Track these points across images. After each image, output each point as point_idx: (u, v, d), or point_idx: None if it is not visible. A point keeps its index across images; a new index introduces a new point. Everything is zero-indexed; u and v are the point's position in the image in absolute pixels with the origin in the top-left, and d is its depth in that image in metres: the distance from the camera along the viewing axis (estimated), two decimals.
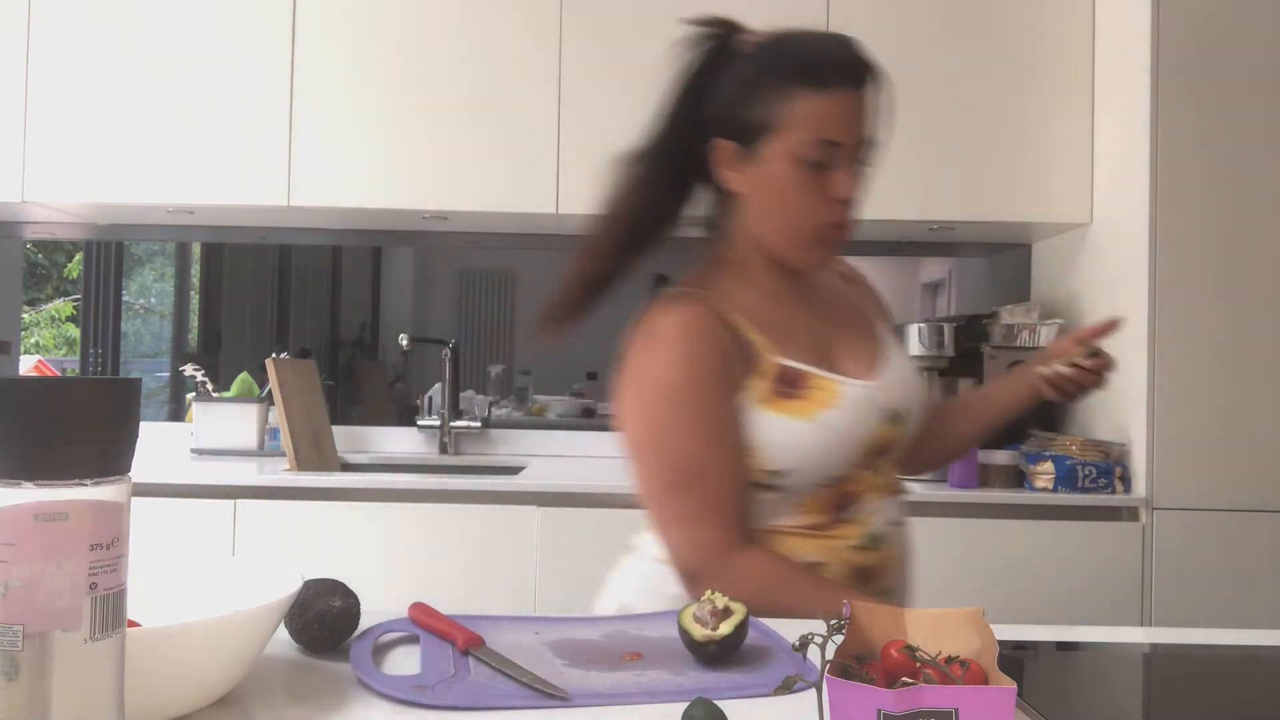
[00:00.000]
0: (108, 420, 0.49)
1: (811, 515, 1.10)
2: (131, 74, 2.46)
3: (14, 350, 3.00)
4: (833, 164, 1.07)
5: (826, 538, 1.10)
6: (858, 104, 1.09)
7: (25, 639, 0.47)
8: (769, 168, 1.09)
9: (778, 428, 1.06)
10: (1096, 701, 0.79)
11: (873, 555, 1.11)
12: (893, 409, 1.12)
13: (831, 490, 1.09)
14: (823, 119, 1.07)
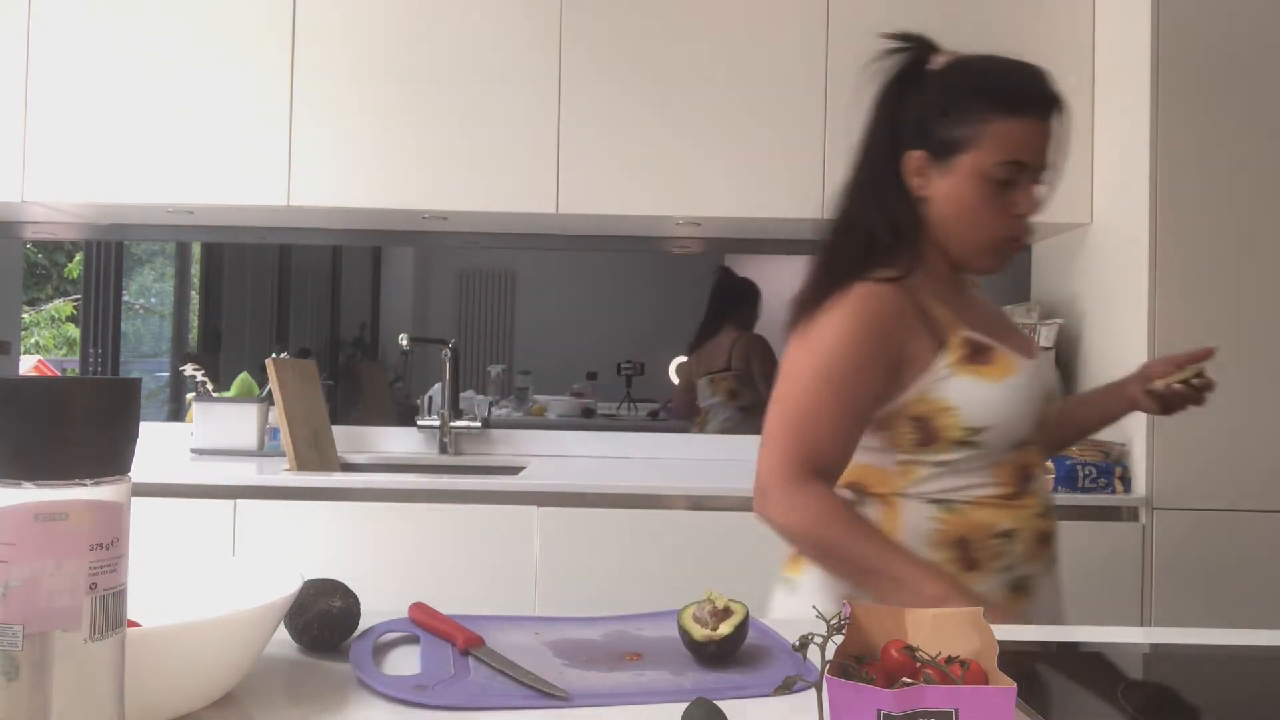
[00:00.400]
0: (108, 420, 0.49)
1: (1004, 485, 1.21)
2: (131, 74, 2.46)
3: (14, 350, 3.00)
4: (1017, 183, 1.20)
5: (1017, 507, 1.22)
6: (1046, 131, 1.22)
7: (25, 639, 0.47)
8: (960, 181, 1.21)
9: (974, 388, 1.18)
10: (1096, 701, 0.79)
11: (1049, 522, 1.26)
12: (1048, 388, 1.26)
13: (1015, 461, 1.21)
14: (1015, 142, 1.19)
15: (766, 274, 3.16)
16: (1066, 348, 2.49)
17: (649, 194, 2.47)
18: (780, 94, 2.45)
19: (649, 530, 2.15)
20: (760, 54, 2.46)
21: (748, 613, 0.82)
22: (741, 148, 2.45)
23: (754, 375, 2.95)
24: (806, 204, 2.46)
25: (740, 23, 2.47)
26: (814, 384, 1.17)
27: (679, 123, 2.46)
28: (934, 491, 1.20)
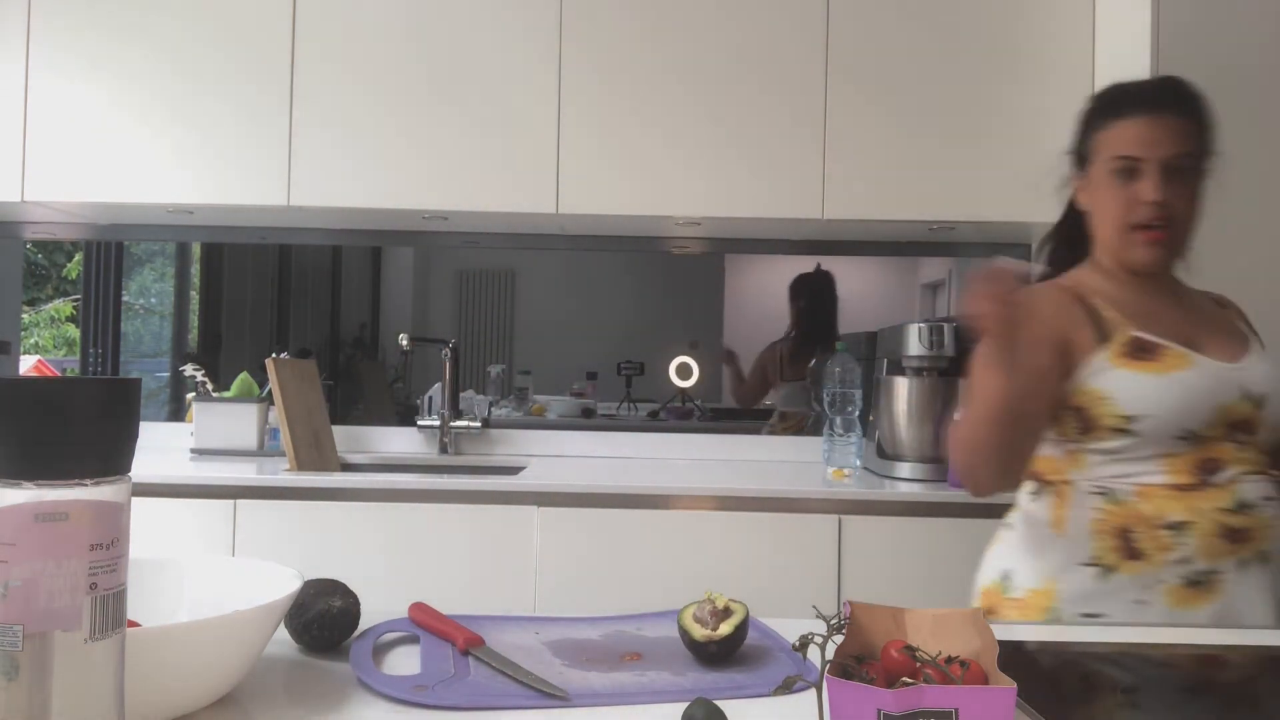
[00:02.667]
0: (108, 420, 0.49)
1: (1177, 475, 1.26)
2: (131, 74, 2.46)
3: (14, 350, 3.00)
4: (1135, 175, 1.31)
5: (1193, 498, 1.24)
6: (1155, 124, 1.31)
7: (25, 639, 0.47)
8: (1094, 184, 1.37)
9: (1129, 380, 1.28)
10: (1096, 701, 0.79)
11: (1243, 519, 1.24)
12: (1252, 390, 1.28)
13: (1193, 454, 1.25)
14: (1120, 140, 1.32)
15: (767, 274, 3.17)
16: None
17: (649, 194, 2.47)
18: (780, 94, 2.45)
19: (649, 530, 2.15)
20: (760, 54, 2.46)
21: (748, 613, 0.82)
22: (741, 148, 2.45)
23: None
24: (806, 204, 2.46)
25: (740, 23, 2.47)
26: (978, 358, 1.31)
27: (679, 123, 2.46)
28: (1099, 478, 1.29)
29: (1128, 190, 1.32)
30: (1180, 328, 1.34)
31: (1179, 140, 1.31)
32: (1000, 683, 0.59)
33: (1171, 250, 1.35)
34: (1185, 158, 1.31)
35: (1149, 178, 1.30)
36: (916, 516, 2.18)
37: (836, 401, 2.54)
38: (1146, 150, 1.30)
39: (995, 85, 2.45)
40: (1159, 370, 1.28)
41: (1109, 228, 1.36)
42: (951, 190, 2.46)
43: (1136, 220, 1.32)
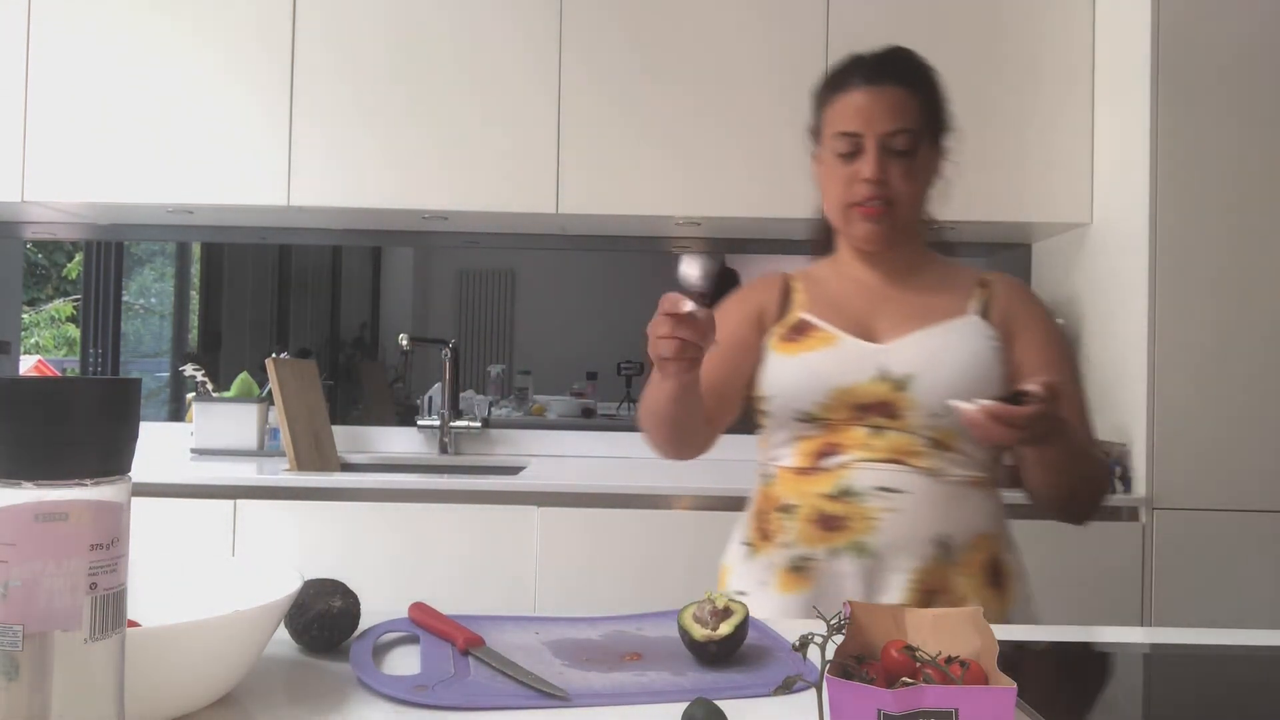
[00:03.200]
0: (108, 420, 0.49)
1: (801, 458, 1.26)
2: (131, 74, 2.46)
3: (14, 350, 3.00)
4: (856, 153, 1.26)
5: (803, 481, 1.24)
6: (874, 98, 1.25)
7: (25, 639, 0.47)
8: (822, 162, 1.32)
9: (772, 361, 1.28)
10: (1096, 701, 0.79)
11: (841, 507, 1.21)
12: (892, 371, 1.22)
13: (820, 437, 1.24)
14: (841, 115, 1.27)
15: None
16: None
17: (649, 194, 2.47)
18: (780, 94, 2.45)
19: (649, 530, 2.15)
20: (760, 54, 2.46)
21: (748, 613, 0.82)
22: (741, 148, 2.45)
23: None
24: (806, 204, 2.45)
25: (740, 23, 2.47)
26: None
27: (679, 123, 2.46)
28: (763, 460, 1.32)
29: (849, 168, 1.27)
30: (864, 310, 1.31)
31: (898, 115, 1.25)
32: (1000, 683, 0.59)
33: (893, 228, 1.28)
34: (905, 134, 1.25)
35: (867, 154, 1.25)
36: None
37: None
38: (864, 125, 1.25)
39: (994, 85, 2.45)
40: (793, 351, 1.27)
41: (832, 207, 1.32)
42: (951, 190, 2.45)
43: (854, 199, 1.27)
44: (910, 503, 1.20)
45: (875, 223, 1.27)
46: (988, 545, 1.25)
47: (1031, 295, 1.38)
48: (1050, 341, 1.32)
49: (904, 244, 1.34)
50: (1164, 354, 2.15)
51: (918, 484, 1.21)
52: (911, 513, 1.20)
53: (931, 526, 1.20)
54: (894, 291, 1.33)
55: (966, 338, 1.26)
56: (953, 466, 1.23)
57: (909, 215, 1.31)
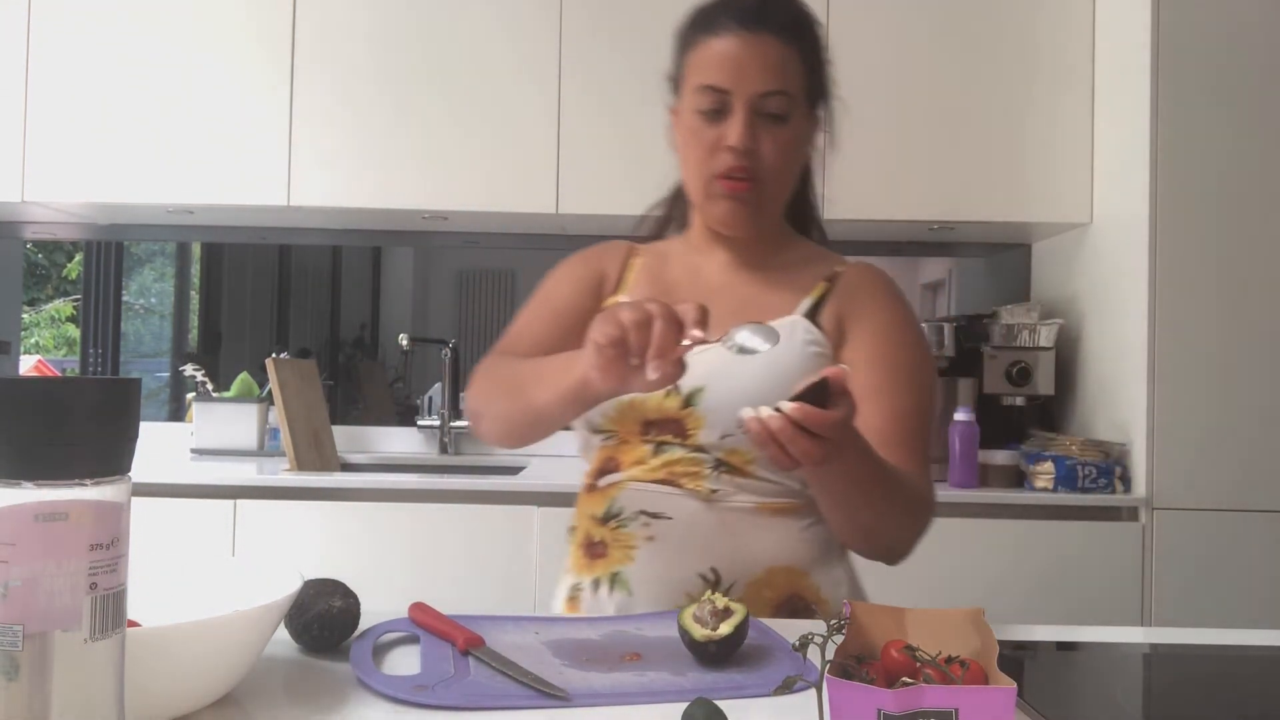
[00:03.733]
0: (108, 420, 0.49)
1: (589, 475, 1.13)
2: (131, 74, 2.46)
3: (14, 350, 3.00)
4: (723, 112, 1.05)
5: (584, 499, 1.13)
6: (749, 46, 1.04)
7: (25, 639, 0.47)
8: (681, 120, 1.10)
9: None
10: (1096, 701, 0.79)
11: (605, 532, 1.07)
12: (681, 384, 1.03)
13: (606, 451, 1.10)
14: (704, 64, 1.05)
15: None
16: (1066, 348, 2.49)
17: (649, 193, 2.46)
18: None
19: None
20: None
21: (748, 613, 0.82)
22: None
23: None
24: None
25: None
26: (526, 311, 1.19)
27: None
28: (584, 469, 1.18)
29: (713, 130, 1.05)
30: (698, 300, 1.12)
31: (775, 73, 1.04)
32: (1000, 683, 0.59)
33: (758, 209, 1.08)
34: (780, 97, 1.04)
35: (735, 117, 1.03)
36: None
37: None
38: (733, 80, 1.03)
39: (995, 85, 2.45)
40: None
41: (691, 175, 1.09)
42: (951, 190, 2.46)
43: (716, 169, 1.05)
44: (673, 530, 1.04)
45: (738, 201, 1.07)
46: (784, 581, 1.06)
47: (881, 286, 1.17)
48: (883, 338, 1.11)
49: (765, 229, 1.13)
50: (1164, 354, 2.15)
51: (685, 510, 1.04)
52: (674, 542, 1.04)
53: (698, 559, 1.04)
54: (729, 285, 1.13)
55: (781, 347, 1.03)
56: (739, 492, 1.05)
57: (776, 195, 1.11)
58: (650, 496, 1.05)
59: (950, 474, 2.26)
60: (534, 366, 1.02)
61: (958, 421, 2.23)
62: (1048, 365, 2.41)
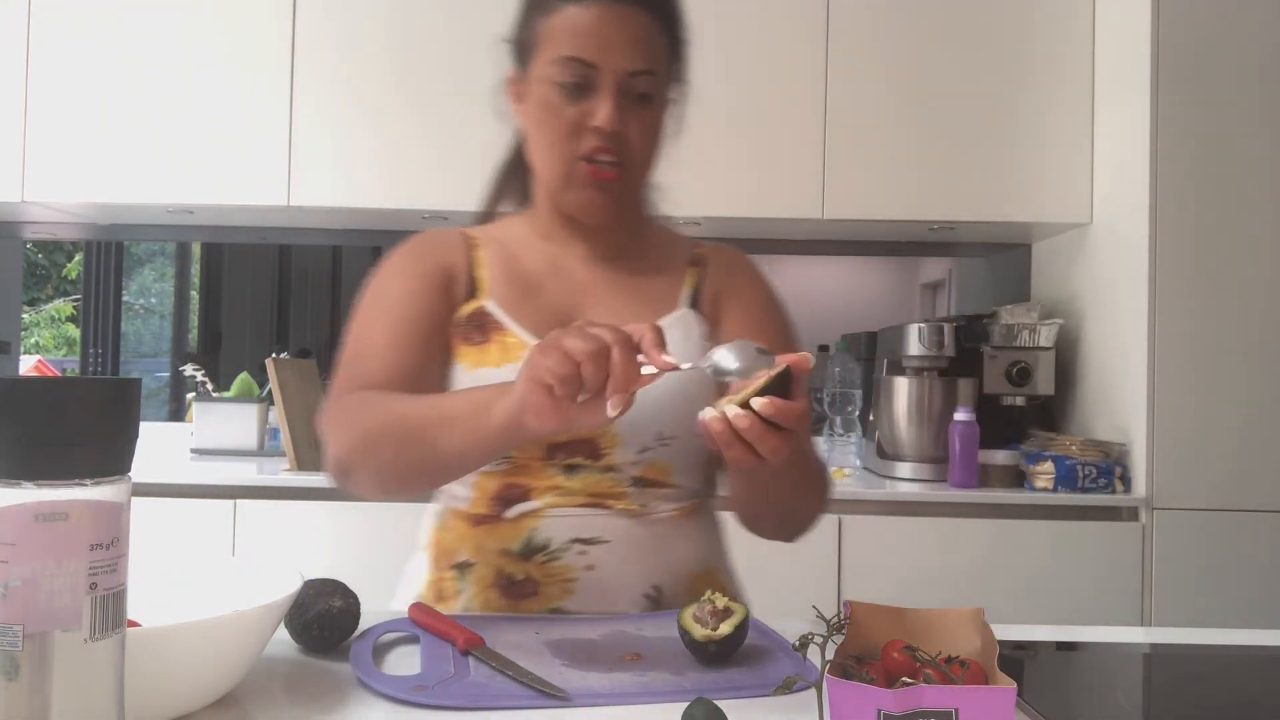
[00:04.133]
0: (108, 420, 0.49)
1: (478, 502, 1.00)
2: (131, 74, 2.46)
3: (14, 350, 3.00)
4: (592, 89, 0.96)
5: (480, 533, 1.00)
6: (619, 21, 0.96)
7: (25, 639, 0.47)
8: (533, 92, 1.00)
9: (452, 374, 1.00)
10: (1096, 701, 0.79)
11: (531, 568, 0.97)
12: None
13: (500, 476, 0.99)
14: (573, 33, 0.95)
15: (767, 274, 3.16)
16: (1066, 348, 2.49)
17: None
18: (780, 94, 2.45)
19: None
20: (760, 54, 2.46)
21: (748, 613, 0.82)
22: (741, 148, 2.45)
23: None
24: (806, 204, 2.46)
25: (740, 22, 2.46)
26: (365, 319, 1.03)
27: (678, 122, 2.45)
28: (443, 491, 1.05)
29: (575, 108, 0.96)
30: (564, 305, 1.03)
31: (645, 49, 0.97)
32: (1000, 683, 0.59)
33: (622, 198, 1.01)
34: (649, 76, 0.98)
35: (602, 95, 0.95)
36: (916, 516, 2.18)
37: (836, 401, 2.54)
38: (601, 55, 0.95)
39: (995, 85, 2.45)
40: (473, 362, 0.99)
41: (547, 157, 1.00)
42: (951, 190, 2.46)
43: (581, 152, 0.97)
44: (613, 554, 0.98)
45: (603, 189, 0.99)
46: (705, 584, 1.02)
47: (749, 265, 1.13)
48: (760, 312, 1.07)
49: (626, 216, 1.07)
50: (1164, 354, 2.15)
51: (619, 530, 0.98)
52: (616, 565, 0.98)
53: (640, 579, 0.99)
54: (602, 280, 1.06)
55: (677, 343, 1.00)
56: (661, 502, 1.01)
57: (641, 181, 1.04)
58: (580, 522, 0.97)
59: (950, 474, 2.26)
60: (430, 408, 0.89)
61: (958, 421, 2.23)
62: (1048, 365, 2.41)
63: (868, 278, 5.26)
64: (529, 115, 1.01)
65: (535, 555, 0.98)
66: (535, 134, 1.01)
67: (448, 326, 1.02)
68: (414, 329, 1.00)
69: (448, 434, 0.85)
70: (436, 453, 0.87)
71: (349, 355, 1.01)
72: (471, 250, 1.07)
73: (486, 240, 1.08)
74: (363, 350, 1.00)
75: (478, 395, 0.85)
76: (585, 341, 0.72)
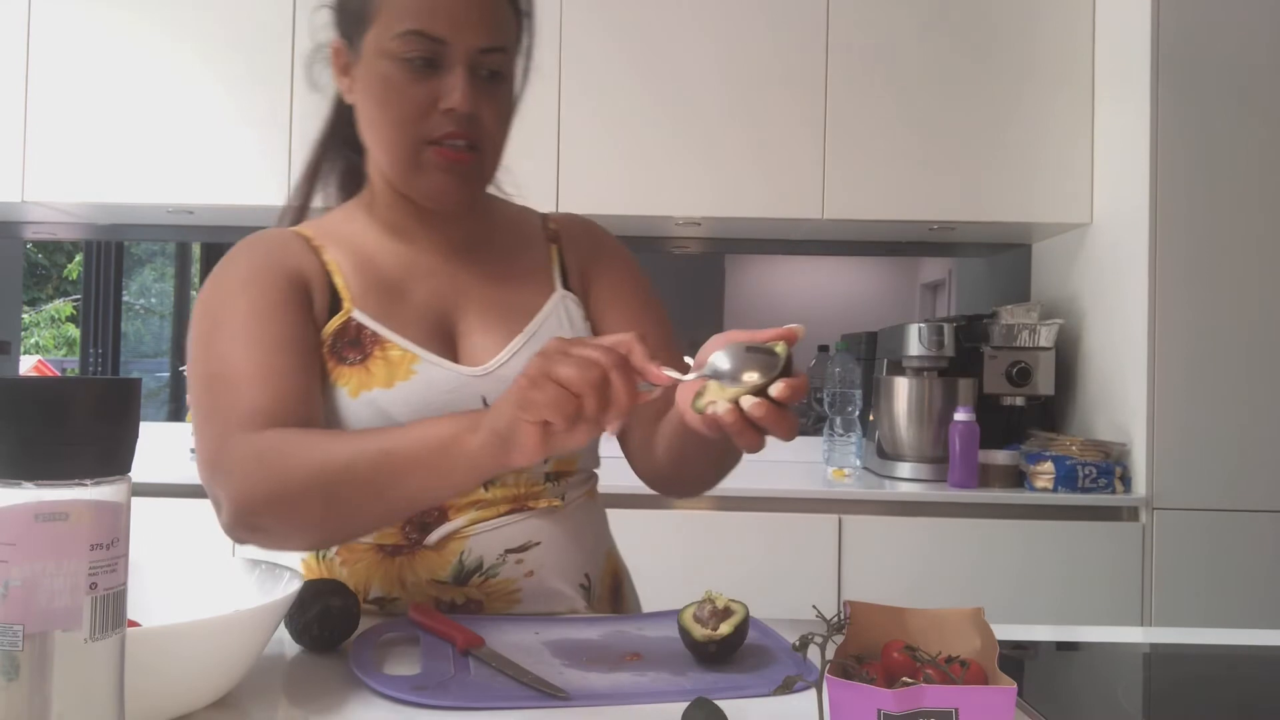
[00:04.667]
0: (108, 420, 0.49)
1: (387, 535, 0.93)
2: (131, 74, 2.46)
3: (14, 350, 3.00)
4: (440, 66, 0.89)
5: (397, 565, 0.94)
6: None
7: (25, 639, 0.47)
8: (368, 67, 0.91)
9: (335, 401, 0.91)
10: (1096, 701, 0.79)
11: (467, 592, 0.93)
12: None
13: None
14: (418, 5, 0.88)
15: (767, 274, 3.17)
16: (1066, 348, 2.49)
17: (649, 193, 2.47)
18: (780, 94, 2.45)
19: (649, 530, 2.15)
20: (760, 54, 2.46)
21: (748, 613, 0.82)
22: (741, 147, 2.45)
23: None
24: (806, 204, 2.46)
25: (740, 22, 2.47)
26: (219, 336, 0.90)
27: (679, 122, 2.46)
28: None
29: (421, 87, 0.88)
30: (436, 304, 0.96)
31: (495, 25, 0.90)
32: (1000, 683, 0.59)
33: (476, 182, 0.96)
34: (500, 54, 0.91)
35: (454, 74, 0.88)
36: (916, 516, 2.18)
37: (836, 401, 2.54)
38: (452, 30, 0.87)
39: (995, 85, 2.45)
40: (358, 385, 0.91)
41: (390, 140, 0.91)
42: (951, 190, 2.46)
43: (431, 134, 0.90)
44: (548, 555, 0.95)
45: (457, 175, 0.92)
46: (610, 565, 1.04)
47: (599, 233, 1.10)
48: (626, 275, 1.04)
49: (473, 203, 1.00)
50: (1164, 354, 2.15)
51: (546, 530, 0.95)
52: (553, 565, 0.96)
53: (574, 572, 0.98)
54: (469, 273, 0.99)
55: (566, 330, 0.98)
56: (573, 490, 0.99)
57: (494, 165, 0.99)
58: (508, 532, 0.93)
59: (950, 474, 2.26)
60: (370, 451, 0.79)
61: (958, 421, 2.23)
62: (1048, 365, 2.41)
63: (868, 278, 5.26)
64: (365, 93, 0.92)
65: (471, 578, 0.93)
66: (375, 114, 0.92)
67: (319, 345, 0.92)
68: (285, 349, 0.89)
69: (403, 480, 0.78)
70: (386, 500, 0.80)
71: (216, 386, 0.88)
72: (318, 254, 0.96)
73: (327, 240, 0.98)
74: (232, 378, 0.88)
75: (430, 432, 0.77)
76: (580, 369, 0.67)
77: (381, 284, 0.96)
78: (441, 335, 0.95)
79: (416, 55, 0.88)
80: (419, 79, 0.89)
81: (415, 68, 0.88)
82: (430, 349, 0.94)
